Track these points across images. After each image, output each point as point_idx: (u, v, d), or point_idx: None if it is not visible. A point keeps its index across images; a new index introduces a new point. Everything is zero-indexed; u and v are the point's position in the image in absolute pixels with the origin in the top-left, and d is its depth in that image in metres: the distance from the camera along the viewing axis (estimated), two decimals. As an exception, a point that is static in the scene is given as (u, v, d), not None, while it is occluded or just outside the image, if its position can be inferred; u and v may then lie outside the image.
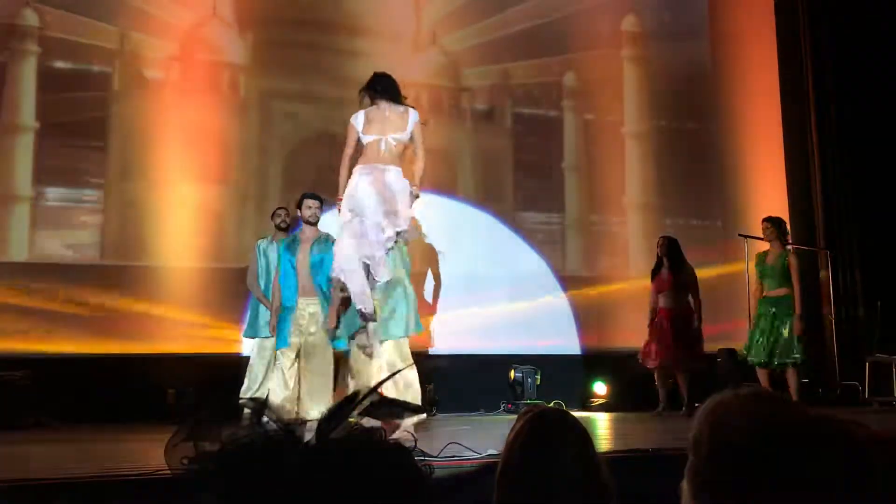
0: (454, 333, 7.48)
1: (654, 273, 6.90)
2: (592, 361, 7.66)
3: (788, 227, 6.92)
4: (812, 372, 7.11)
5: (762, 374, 6.46)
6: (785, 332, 6.33)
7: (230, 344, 6.78)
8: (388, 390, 4.56)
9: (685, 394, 6.65)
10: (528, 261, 8.00)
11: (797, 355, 6.30)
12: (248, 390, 6.10)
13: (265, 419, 0.72)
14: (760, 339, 6.40)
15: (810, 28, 8.71)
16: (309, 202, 5.43)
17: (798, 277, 6.46)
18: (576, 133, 8.36)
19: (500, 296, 7.78)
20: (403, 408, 0.78)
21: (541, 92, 8.32)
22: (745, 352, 6.55)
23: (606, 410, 7.28)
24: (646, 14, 8.65)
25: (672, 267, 6.81)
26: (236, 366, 6.17)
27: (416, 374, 4.60)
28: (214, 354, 6.78)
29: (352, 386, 4.86)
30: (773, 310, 6.41)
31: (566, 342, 7.84)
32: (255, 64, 7.58)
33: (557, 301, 7.93)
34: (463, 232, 7.76)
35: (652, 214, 8.34)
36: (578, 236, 8.23)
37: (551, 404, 6.82)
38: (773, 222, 6.62)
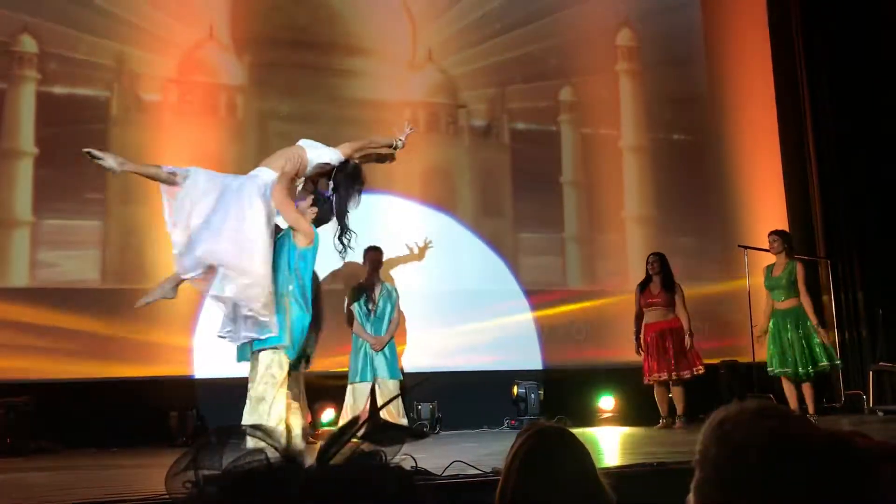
0: (456, 350, 7.47)
1: (642, 288, 6.99)
2: (594, 376, 7.64)
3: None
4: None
5: (786, 385, 6.47)
6: (804, 342, 6.36)
7: (231, 366, 6.76)
8: None
9: (680, 407, 6.71)
10: (528, 275, 8.00)
11: (826, 362, 6.33)
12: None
13: (266, 445, 0.72)
14: (782, 351, 6.42)
15: (804, 39, 8.76)
16: None
17: (805, 287, 6.52)
18: (573, 147, 8.38)
19: (501, 311, 7.77)
20: (405, 432, 0.77)
21: (538, 107, 8.35)
22: (769, 367, 6.53)
23: (612, 425, 7.25)
24: (640, 28, 8.70)
25: (663, 283, 6.89)
26: (239, 388, 6.14)
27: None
28: (216, 377, 6.75)
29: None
30: (787, 321, 6.45)
31: (568, 357, 7.82)
32: (252, 85, 7.61)
33: (558, 315, 7.92)
34: (462, 248, 7.77)
35: (651, 228, 8.35)
36: (578, 250, 8.24)
37: (554, 420, 6.81)
38: (780, 235, 6.70)
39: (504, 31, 8.24)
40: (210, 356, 6.89)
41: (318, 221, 4.81)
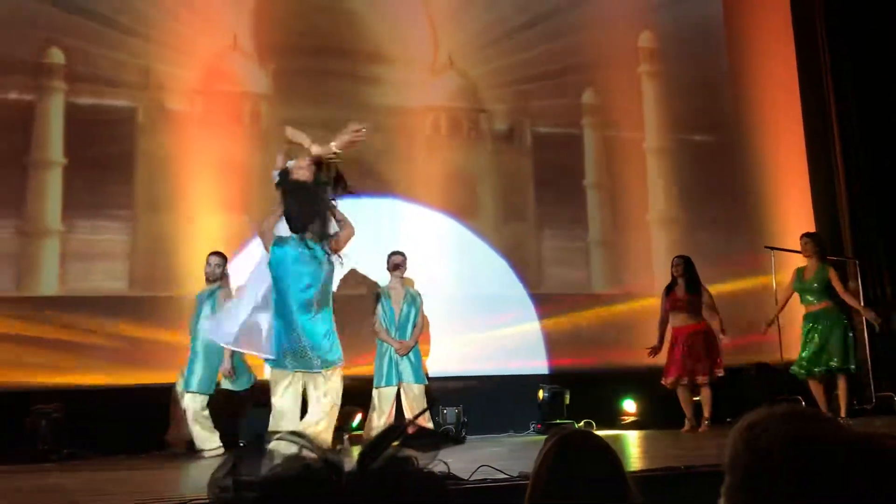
0: (481, 354, 7.47)
1: (668, 291, 6.95)
2: (620, 379, 7.60)
3: (815, 237, 6.94)
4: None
5: (815, 388, 6.44)
6: (834, 342, 6.34)
7: (259, 372, 6.81)
8: None
9: (707, 409, 6.67)
10: (552, 279, 7.98)
11: (851, 365, 6.31)
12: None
13: (304, 450, 0.73)
14: (811, 353, 6.40)
15: (828, 37, 8.68)
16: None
17: (843, 287, 6.59)
18: (596, 150, 8.36)
19: (525, 315, 7.77)
20: (442, 438, 0.79)
21: (560, 110, 8.34)
22: (799, 370, 6.51)
23: (637, 428, 7.22)
24: (662, 29, 8.66)
25: (688, 286, 6.85)
26: (264, 394, 6.19)
27: None
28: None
29: None
30: (817, 325, 6.41)
31: (593, 360, 7.80)
32: (276, 93, 7.67)
33: (583, 319, 7.90)
34: (486, 252, 7.77)
35: (676, 229, 8.31)
36: (602, 253, 8.21)
37: (581, 424, 6.79)
38: (812, 237, 6.66)
39: (525, 35, 8.24)
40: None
41: (292, 227, 5.00)
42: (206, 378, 6.00)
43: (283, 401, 4.92)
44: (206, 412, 5.98)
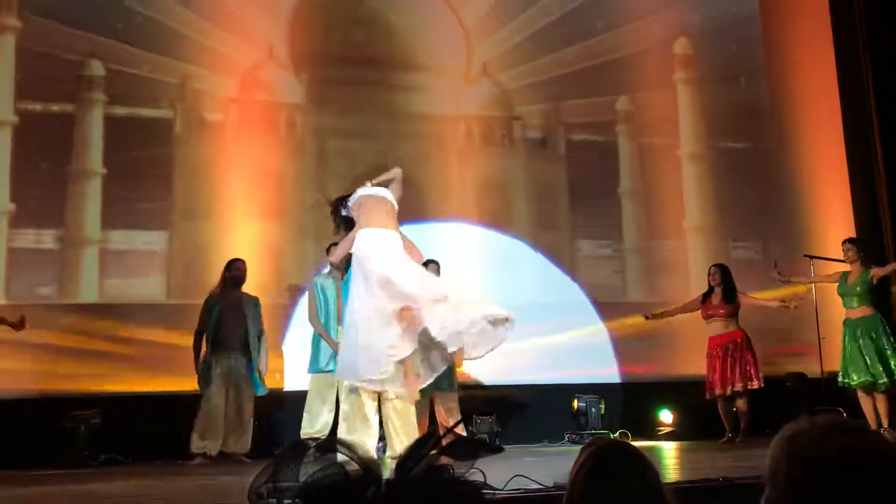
0: (515, 364, 7.42)
1: (704, 299, 6.88)
2: (656, 389, 7.52)
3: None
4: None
5: (863, 398, 6.31)
6: (877, 352, 6.20)
7: (293, 380, 6.85)
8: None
9: (745, 420, 6.57)
10: (587, 288, 7.93)
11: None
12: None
13: (345, 458, 0.73)
14: (853, 362, 6.27)
15: (869, 40, 8.52)
16: None
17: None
18: (631, 157, 8.31)
19: (560, 324, 7.72)
20: (480, 447, 0.78)
21: (594, 117, 8.30)
22: (841, 378, 6.37)
23: (673, 439, 7.13)
24: (697, 36, 8.59)
25: (725, 295, 6.78)
26: (303, 401, 6.23)
27: None
28: (279, 390, 6.86)
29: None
30: (858, 333, 6.29)
31: (629, 370, 7.73)
32: (310, 103, 7.75)
33: (618, 328, 7.83)
34: (520, 261, 7.75)
35: (712, 237, 8.21)
36: (638, 262, 8.14)
37: (616, 434, 6.72)
38: (855, 243, 6.57)
39: (559, 42, 8.22)
40: (276, 369, 7.00)
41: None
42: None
43: None
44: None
